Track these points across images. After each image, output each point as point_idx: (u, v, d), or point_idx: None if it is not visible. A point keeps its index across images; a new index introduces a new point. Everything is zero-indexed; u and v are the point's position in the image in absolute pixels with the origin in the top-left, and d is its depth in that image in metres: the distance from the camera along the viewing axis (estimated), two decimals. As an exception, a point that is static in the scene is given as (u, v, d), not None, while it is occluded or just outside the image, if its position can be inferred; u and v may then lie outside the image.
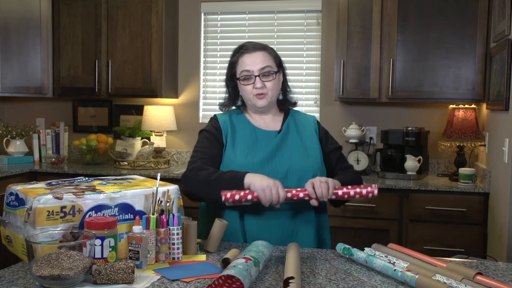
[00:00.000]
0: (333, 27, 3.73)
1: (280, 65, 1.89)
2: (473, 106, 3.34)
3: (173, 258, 1.54)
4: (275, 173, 1.77)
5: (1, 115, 4.45)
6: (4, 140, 4.01)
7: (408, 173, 3.32)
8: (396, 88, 3.37)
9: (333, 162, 1.92)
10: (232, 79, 1.90)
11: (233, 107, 1.96)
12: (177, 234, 1.54)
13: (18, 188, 1.52)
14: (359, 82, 3.43)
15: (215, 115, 1.95)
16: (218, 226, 1.65)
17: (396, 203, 3.13)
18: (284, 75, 1.93)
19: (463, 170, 3.13)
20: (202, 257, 1.59)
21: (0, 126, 4.06)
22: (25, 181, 3.45)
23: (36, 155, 4.08)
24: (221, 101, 1.98)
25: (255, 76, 1.82)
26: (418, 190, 3.10)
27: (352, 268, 1.49)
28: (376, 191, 1.63)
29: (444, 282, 1.27)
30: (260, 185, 1.60)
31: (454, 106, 3.38)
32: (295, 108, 2.02)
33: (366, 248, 1.59)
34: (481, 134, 3.30)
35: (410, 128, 3.39)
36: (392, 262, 1.43)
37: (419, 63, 3.33)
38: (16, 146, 4.03)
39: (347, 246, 1.59)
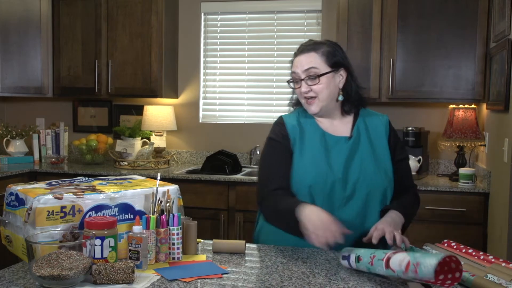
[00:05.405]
0: (333, 27, 3.73)
1: (335, 65, 1.72)
2: (473, 106, 3.34)
3: (173, 258, 1.54)
4: (343, 186, 1.67)
5: (1, 115, 4.45)
6: (4, 140, 4.01)
7: (408, 173, 3.32)
8: (396, 88, 3.37)
9: (399, 175, 1.78)
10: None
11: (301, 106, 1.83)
12: (177, 234, 1.54)
13: (18, 188, 1.52)
14: (359, 82, 3.43)
15: (281, 117, 1.81)
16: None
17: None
18: (348, 74, 1.76)
19: (463, 170, 3.13)
20: (202, 257, 1.59)
21: (0, 126, 4.06)
22: (25, 181, 3.45)
23: (36, 155, 4.08)
24: (290, 97, 1.86)
25: (301, 80, 1.72)
26: (418, 190, 3.09)
27: (352, 268, 1.49)
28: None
29: (495, 282, 1.28)
30: (312, 226, 1.49)
31: (454, 106, 3.38)
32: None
33: (424, 247, 1.59)
34: (481, 134, 3.30)
35: (410, 128, 3.39)
36: None
37: (419, 63, 3.33)
38: (16, 146, 4.03)
39: (410, 245, 1.58)
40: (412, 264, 1.22)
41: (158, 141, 3.96)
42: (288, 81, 1.79)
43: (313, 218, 1.51)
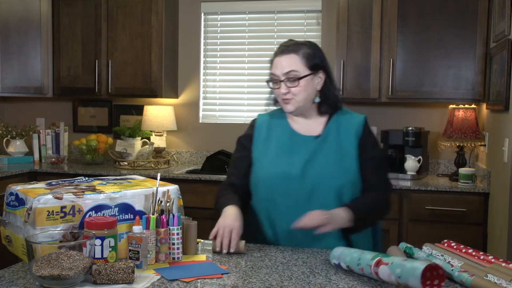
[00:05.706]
0: (333, 27, 3.72)
1: (314, 67, 1.75)
2: (473, 106, 3.34)
3: (173, 258, 1.54)
4: (302, 183, 1.71)
5: (1, 115, 4.45)
6: (4, 140, 4.01)
7: (408, 173, 3.32)
8: (396, 88, 3.37)
9: (364, 174, 1.76)
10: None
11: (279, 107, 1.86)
12: (177, 234, 1.54)
13: (18, 188, 1.52)
14: (359, 82, 3.43)
15: (257, 116, 1.91)
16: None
17: (396, 203, 3.13)
18: (326, 76, 1.78)
19: (463, 170, 3.13)
20: (202, 257, 1.59)
21: (0, 126, 4.06)
22: (25, 181, 3.45)
23: (36, 155, 4.08)
24: (268, 97, 1.89)
25: (280, 81, 1.74)
26: (418, 190, 3.10)
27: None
28: None
29: (495, 283, 1.28)
30: (217, 227, 1.63)
31: (454, 106, 3.38)
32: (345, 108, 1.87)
33: (424, 247, 1.60)
34: (481, 134, 3.30)
35: (410, 128, 3.38)
36: (448, 261, 1.45)
37: (419, 63, 3.33)
38: (16, 146, 4.02)
39: (409, 245, 1.59)
40: (402, 284, 1.27)
41: (158, 141, 3.96)
42: (267, 81, 1.81)
43: (220, 221, 1.66)
